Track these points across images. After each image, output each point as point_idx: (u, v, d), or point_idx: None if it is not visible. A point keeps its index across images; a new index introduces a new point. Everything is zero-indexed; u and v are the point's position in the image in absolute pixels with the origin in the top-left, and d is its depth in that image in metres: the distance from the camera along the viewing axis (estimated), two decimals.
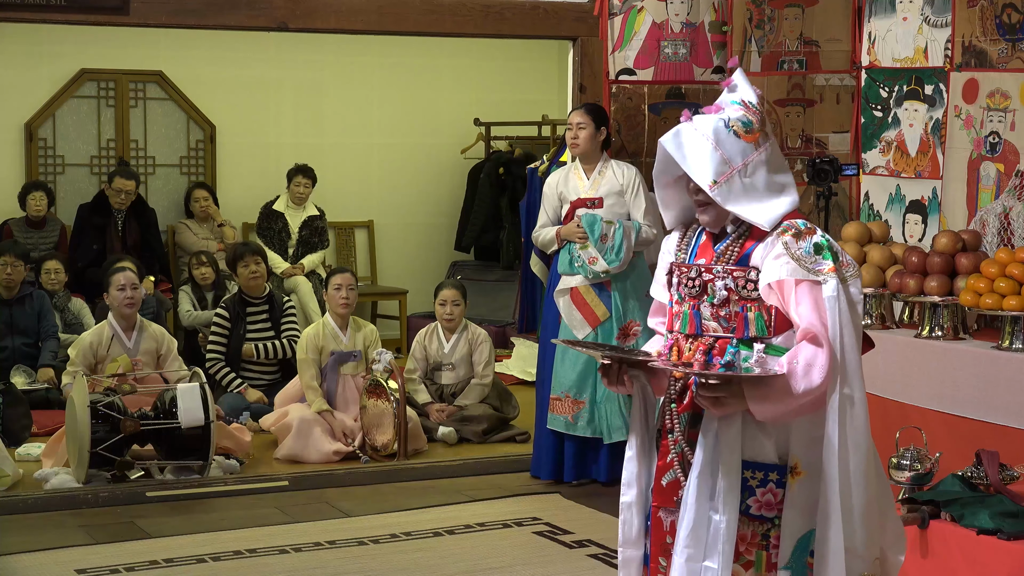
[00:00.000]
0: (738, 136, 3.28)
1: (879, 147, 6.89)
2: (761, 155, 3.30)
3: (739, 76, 3.40)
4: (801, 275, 3.19)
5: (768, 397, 3.16)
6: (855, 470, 3.17)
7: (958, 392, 5.20)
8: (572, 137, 6.67)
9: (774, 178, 3.31)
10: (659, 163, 3.41)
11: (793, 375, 3.14)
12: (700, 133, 3.29)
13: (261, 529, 6.06)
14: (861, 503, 3.19)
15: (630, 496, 3.45)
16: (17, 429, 7.27)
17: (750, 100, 3.34)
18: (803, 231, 3.24)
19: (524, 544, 5.87)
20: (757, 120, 3.32)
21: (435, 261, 11.00)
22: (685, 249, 3.42)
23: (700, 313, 3.32)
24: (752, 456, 3.26)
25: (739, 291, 3.27)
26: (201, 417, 6.60)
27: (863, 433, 3.19)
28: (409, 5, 7.07)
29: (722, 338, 3.29)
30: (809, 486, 3.23)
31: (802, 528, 3.25)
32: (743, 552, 3.28)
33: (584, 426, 6.67)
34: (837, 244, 3.28)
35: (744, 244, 3.30)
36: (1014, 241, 5.74)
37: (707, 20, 7.18)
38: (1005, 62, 6.11)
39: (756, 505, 3.27)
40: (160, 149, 10.28)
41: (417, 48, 10.62)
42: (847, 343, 3.17)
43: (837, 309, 3.17)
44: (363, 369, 7.40)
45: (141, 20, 6.73)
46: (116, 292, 7.24)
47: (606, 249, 6.57)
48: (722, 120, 3.30)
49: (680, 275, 3.38)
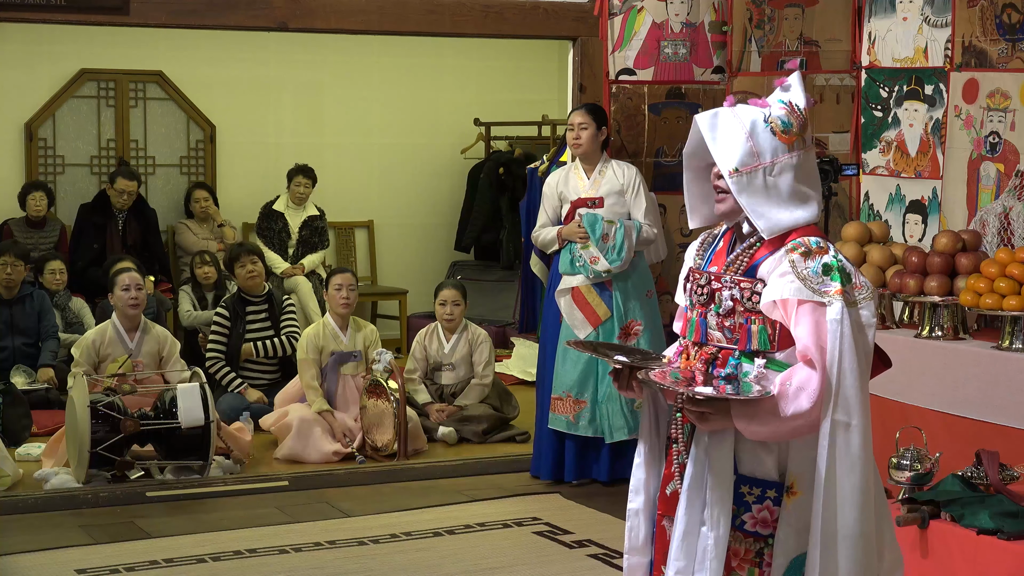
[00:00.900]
0: (774, 133, 3.23)
1: (879, 147, 6.89)
2: (792, 159, 3.24)
3: (795, 79, 3.34)
4: (805, 295, 3.12)
5: (755, 418, 3.12)
6: (846, 497, 3.11)
7: (958, 392, 5.20)
8: (574, 137, 6.67)
9: (800, 187, 3.24)
10: (690, 144, 3.36)
11: (783, 397, 3.10)
12: (737, 120, 3.25)
13: (261, 529, 6.06)
14: (854, 531, 3.12)
15: (637, 503, 3.43)
16: (17, 429, 7.27)
17: (798, 104, 3.28)
18: (813, 250, 3.17)
19: (524, 544, 5.87)
20: (798, 124, 3.26)
21: (435, 261, 11.00)
22: (703, 255, 3.38)
23: (706, 322, 3.28)
24: (751, 471, 3.22)
25: (744, 302, 3.22)
26: (201, 417, 6.60)
27: (859, 459, 3.11)
28: (409, 5, 7.07)
29: (725, 348, 3.25)
30: (805, 506, 3.17)
31: (796, 549, 3.20)
32: (735, 568, 3.23)
33: (585, 426, 6.67)
34: (851, 265, 3.21)
35: (754, 255, 3.25)
36: (1014, 241, 5.74)
37: (707, 20, 7.18)
38: (1005, 62, 6.11)
39: (751, 521, 3.22)
40: (160, 149, 10.28)
41: (417, 48, 10.62)
42: (846, 368, 3.09)
43: (839, 333, 3.09)
44: (363, 369, 7.40)
45: (141, 20, 6.73)
46: (120, 293, 7.24)
47: (607, 249, 6.58)
48: (763, 114, 3.26)
49: (692, 281, 3.34)
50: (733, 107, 3.30)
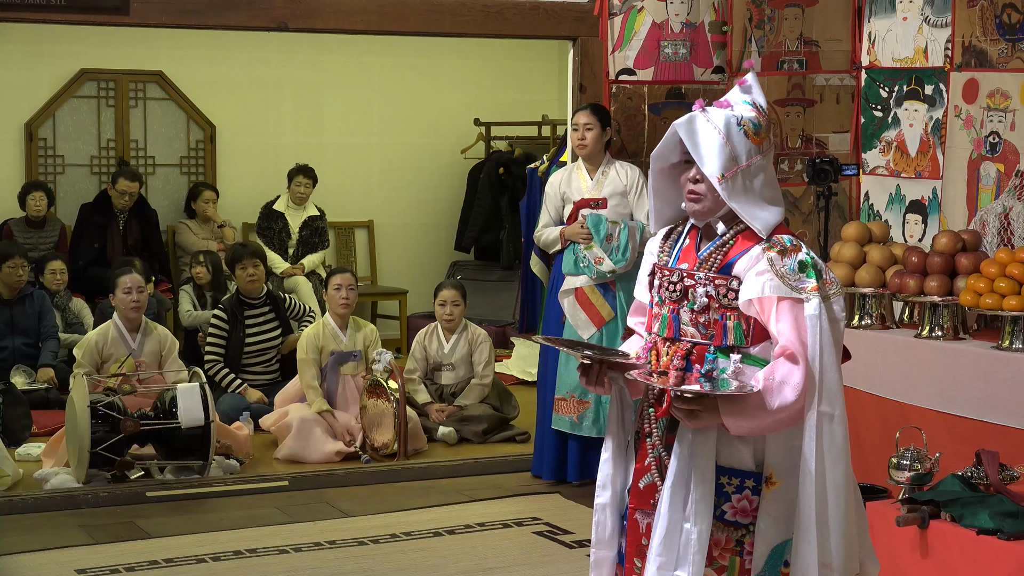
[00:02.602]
0: (747, 136, 3.28)
1: (879, 147, 6.90)
2: (762, 160, 3.30)
3: (752, 78, 3.38)
4: (784, 292, 3.20)
5: (743, 413, 3.16)
6: (833, 486, 3.19)
7: (958, 392, 5.20)
8: (579, 138, 6.66)
9: (768, 186, 3.31)
10: (663, 145, 3.39)
11: (768, 391, 3.15)
12: (712, 125, 3.28)
13: (261, 529, 6.06)
14: (839, 519, 3.19)
15: (604, 498, 3.46)
16: (17, 429, 7.27)
17: (761, 104, 3.34)
18: (788, 248, 3.25)
19: (524, 544, 5.87)
20: (765, 124, 3.32)
21: (435, 261, 11.00)
22: (668, 252, 3.41)
23: (679, 318, 3.33)
24: (728, 462, 3.26)
25: (720, 299, 3.27)
26: (201, 417, 6.60)
27: (841, 449, 3.20)
28: (409, 5, 7.06)
29: (700, 344, 3.29)
30: (784, 496, 3.24)
31: (777, 537, 3.25)
32: (716, 557, 3.27)
33: (589, 426, 6.66)
34: (821, 261, 3.30)
35: (728, 252, 3.30)
36: (1014, 241, 5.74)
37: (707, 20, 7.18)
38: (1005, 62, 6.12)
39: (731, 511, 3.27)
40: (160, 149, 10.28)
41: (417, 48, 10.62)
42: (827, 362, 3.18)
43: (819, 328, 3.18)
44: (363, 369, 7.40)
45: (141, 20, 6.72)
46: (122, 295, 7.23)
47: (611, 249, 6.57)
48: (734, 117, 3.29)
49: (662, 278, 3.38)
50: (704, 112, 3.32)
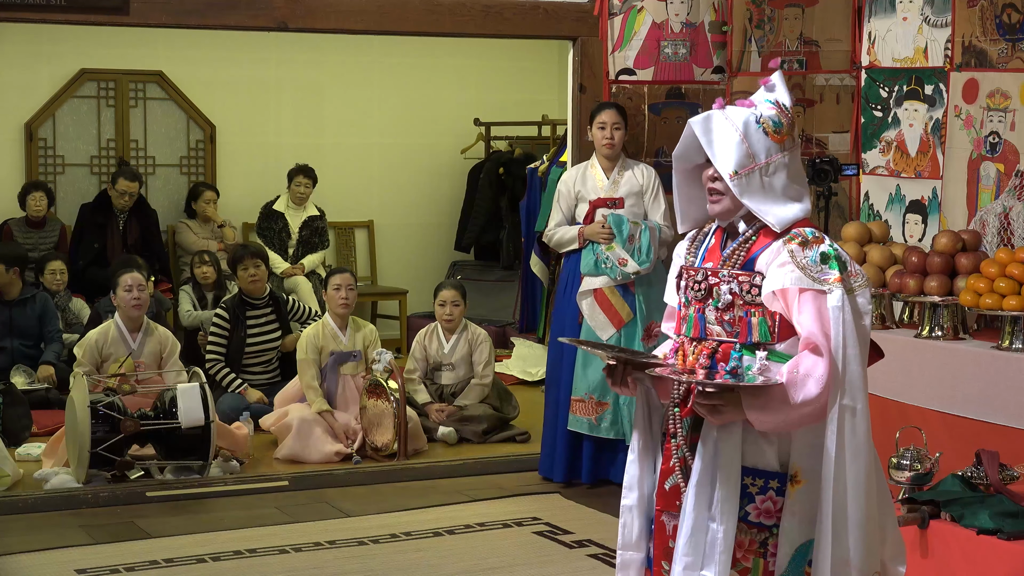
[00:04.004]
0: (766, 134, 3.27)
1: (879, 147, 6.89)
2: (784, 158, 3.29)
3: (778, 77, 3.38)
4: (806, 284, 3.17)
5: (766, 407, 3.14)
6: (854, 482, 3.16)
7: (958, 392, 5.20)
8: (607, 136, 6.61)
9: (792, 184, 3.29)
10: (682, 145, 3.39)
11: (792, 385, 3.13)
12: (730, 122, 3.28)
13: (261, 529, 6.06)
14: (860, 515, 3.17)
15: (631, 499, 3.45)
16: (17, 429, 7.27)
17: (784, 103, 3.33)
18: (810, 240, 3.23)
19: (524, 544, 5.87)
20: (787, 123, 3.31)
21: (435, 261, 11.00)
22: (694, 252, 3.41)
23: (705, 317, 3.31)
24: (753, 463, 3.24)
25: (743, 295, 3.25)
26: (201, 417, 6.60)
27: (864, 444, 3.16)
28: (409, 5, 7.06)
29: (725, 342, 3.27)
30: (809, 495, 3.21)
31: (801, 537, 3.23)
32: (740, 559, 3.25)
33: (608, 427, 6.65)
34: (846, 254, 3.26)
35: (750, 248, 3.28)
36: (1014, 241, 5.74)
37: (707, 20, 7.18)
38: (1005, 62, 6.11)
39: (755, 512, 3.25)
40: (160, 149, 10.28)
41: (417, 48, 10.63)
42: (850, 354, 3.15)
43: (841, 320, 3.15)
44: (363, 369, 7.40)
45: (141, 20, 6.73)
46: (123, 293, 7.23)
47: (634, 250, 6.54)
48: (753, 115, 3.29)
49: (687, 278, 3.37)
50: (723, 109, 3.33)
